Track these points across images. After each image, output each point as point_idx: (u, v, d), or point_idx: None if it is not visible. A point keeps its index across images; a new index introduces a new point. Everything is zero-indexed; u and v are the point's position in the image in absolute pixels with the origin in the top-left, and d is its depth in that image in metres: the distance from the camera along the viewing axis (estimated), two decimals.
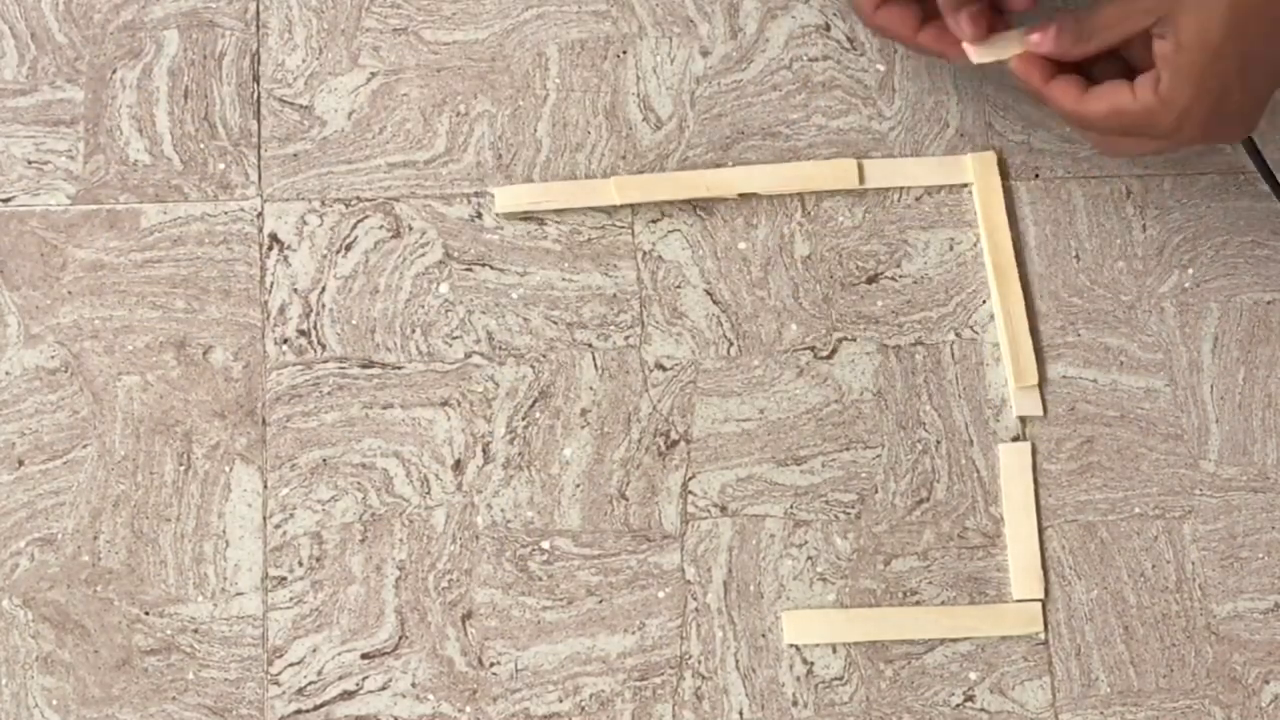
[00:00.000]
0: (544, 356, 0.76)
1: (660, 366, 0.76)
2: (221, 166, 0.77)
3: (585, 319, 0.76)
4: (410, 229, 0.77)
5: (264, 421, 0.74)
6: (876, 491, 0.75)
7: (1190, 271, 0.79)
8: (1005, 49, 0.72)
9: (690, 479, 0.74)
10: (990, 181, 0.79)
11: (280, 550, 0.72)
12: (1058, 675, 0.73)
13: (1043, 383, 0.77)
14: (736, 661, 0.72)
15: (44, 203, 0.76)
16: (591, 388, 0.75)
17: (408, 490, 0.73)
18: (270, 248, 0.76)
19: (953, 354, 0.77)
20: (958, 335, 0.77)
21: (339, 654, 0.71)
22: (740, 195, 0.78)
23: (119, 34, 0.79)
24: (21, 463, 0.73)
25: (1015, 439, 0.76)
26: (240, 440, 0.73)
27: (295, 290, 0.76)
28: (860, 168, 0.79)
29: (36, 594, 0.71)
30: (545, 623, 0.72)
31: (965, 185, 0.79)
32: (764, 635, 0.72)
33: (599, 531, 0.73)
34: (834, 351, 0.76)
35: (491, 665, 0.71)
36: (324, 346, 0.75)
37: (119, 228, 0.76)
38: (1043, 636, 0.73)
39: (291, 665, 0.71)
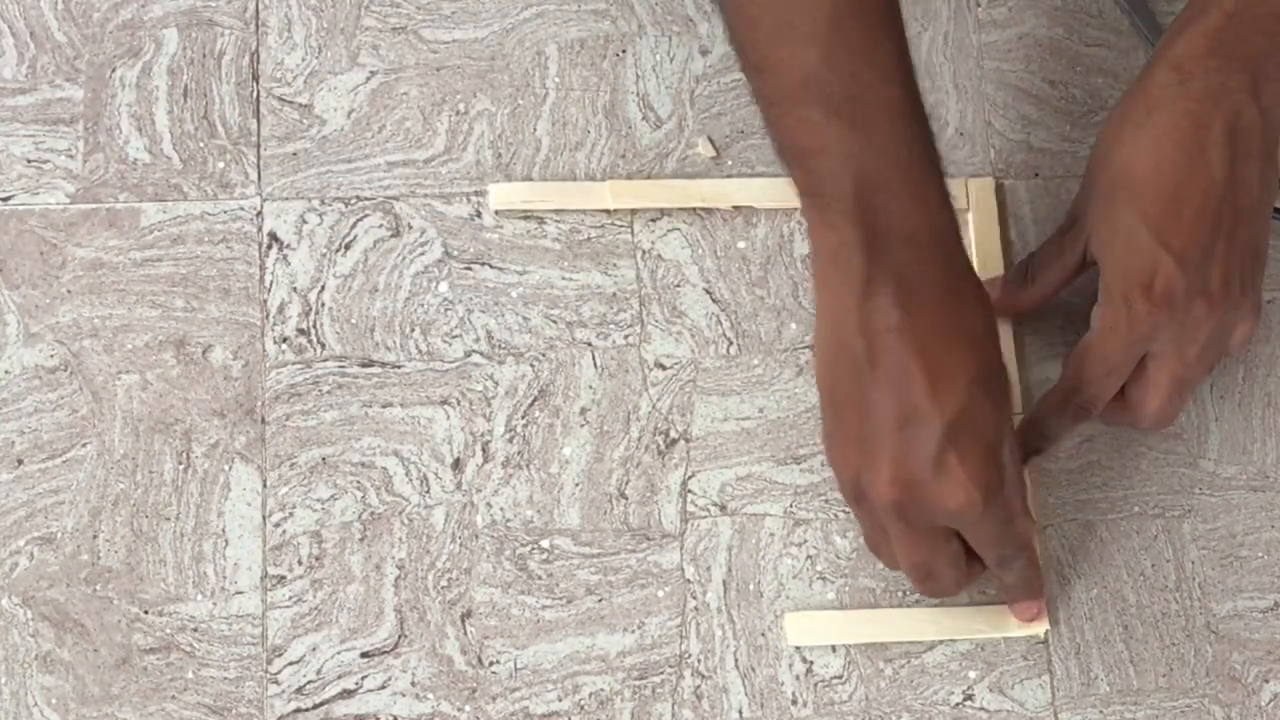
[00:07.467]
0: (543, 355, 0.75)
1: (660, 365, 0.76)
2: (221, 165, 0.77)
3: (585, 318, 0.76)
4: (410, 228, 0.76)
5: (263, 420, 0.74)
6: None
7: None
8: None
9: (690, 478, 0.74)
10: (987, 209, 0.78)
11: (280, 549, 0.72)
12: (1057, 674, 0.73)
13: (1042, 383, 0.77)
14: (736, 660, 0.72)
15: (43, 201, 0.76)
16: (591, 386, 0.75)
17: (407, 489, 0.73)
18: (270, 246, 0.76)
19: None
20: None
21: (338, 653, 0.71)
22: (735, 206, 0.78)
23: (118, 33, 0.79)
24: (21, 461, 0.73)
25: None
26: (240, 439, 0.73)
27: (295, 289, 0.76)
28: None
29: (36, 593, 0.71)
30: (545, 621, 0.72)
31: (963, 180, 0.78)
32: (764, 634, 0.72)
33: (598, 530, 0.73)
34: None
35: (491, 664, 0.71)
36: (323, 345, 0.75)
37: (118, 226, 0.76)
38: (1042, 636, 0.73)
39: (291, 664, 0.71)
